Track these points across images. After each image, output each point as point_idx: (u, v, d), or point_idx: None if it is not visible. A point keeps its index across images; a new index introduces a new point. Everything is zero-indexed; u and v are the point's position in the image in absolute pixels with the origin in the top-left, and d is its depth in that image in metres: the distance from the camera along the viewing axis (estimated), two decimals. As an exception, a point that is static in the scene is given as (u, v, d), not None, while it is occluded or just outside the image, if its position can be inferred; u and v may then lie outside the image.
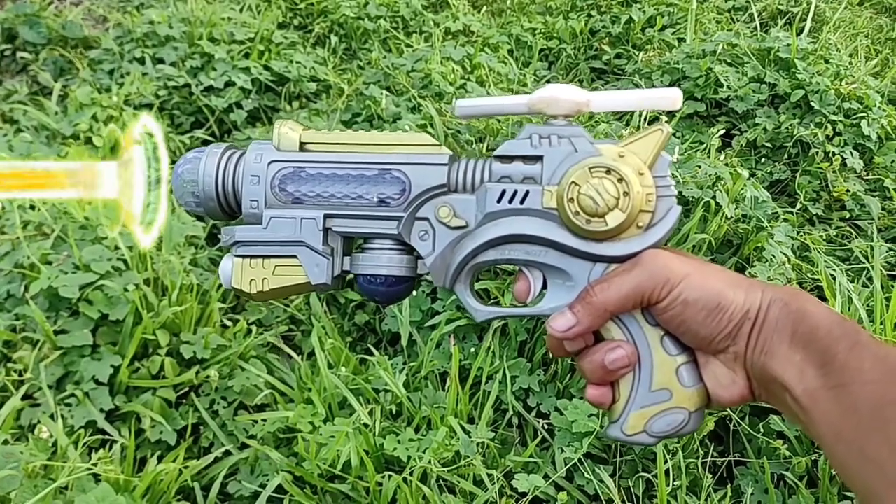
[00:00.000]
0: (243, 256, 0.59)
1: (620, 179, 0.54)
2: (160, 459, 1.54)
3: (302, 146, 0.60)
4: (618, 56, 3.55)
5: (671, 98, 0.58)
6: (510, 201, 0.57)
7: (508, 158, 0.58)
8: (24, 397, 1.60)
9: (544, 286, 0.59)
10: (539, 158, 0.57)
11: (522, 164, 0.58)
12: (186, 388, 1.70)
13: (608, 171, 0.55)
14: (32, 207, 2.06)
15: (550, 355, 1.72)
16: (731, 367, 0.54)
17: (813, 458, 1.53)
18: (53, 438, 1.46)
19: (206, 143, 2.85)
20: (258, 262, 0.59)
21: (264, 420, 1.60)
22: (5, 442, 1.42)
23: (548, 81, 3.27)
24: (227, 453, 1.60)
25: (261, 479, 1.52)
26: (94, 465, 1.37)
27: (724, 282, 0.53)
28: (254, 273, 0.59)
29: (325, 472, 1.48)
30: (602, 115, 2.62)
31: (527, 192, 0.57)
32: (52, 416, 1.58)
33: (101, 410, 1.60)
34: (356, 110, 2.69)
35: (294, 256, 0.59)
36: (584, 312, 0.55)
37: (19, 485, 1.29)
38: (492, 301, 1.81)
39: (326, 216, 0.59)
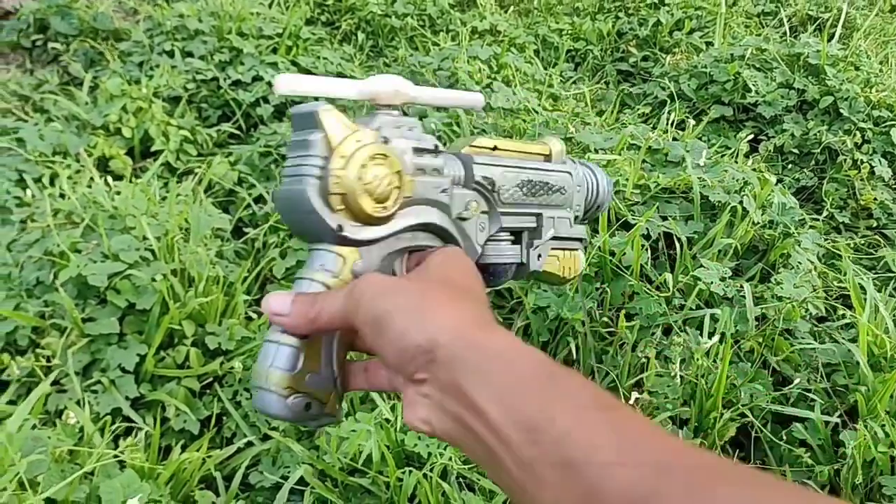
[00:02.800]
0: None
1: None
2: (184, 448, 1.55)
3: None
4: (644, 59, 3.54)
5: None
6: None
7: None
8: (52, 383, 1.63)
9: None
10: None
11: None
12: (210, 379, 1.72)
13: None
14: (63, 196, 2.09)
15: (573, 358, 1.72)
16: (414, 394, 0.48)
17: (836, 468, 1.52)
18: (80, 424, 1.48)
19: (232, 136, 2.88)
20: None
21: (287, 412, 1.61)
22: (33, 427, 1.44)
23: (573, 83, 3.26)
24: (250, 444, 1.62)
25: (282, 470, 1.53)
26: (121, 452, 1.39)
27: (406, 307, 0.49)
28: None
29: (346, 465, 1.49)
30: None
31: None
32: (78, 403, 1.60)
33: (127, 398, 1.62)
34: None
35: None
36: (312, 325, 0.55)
37: (47, 469, 1.31)
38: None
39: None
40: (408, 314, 0.48)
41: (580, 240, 0.73)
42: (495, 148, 0.69)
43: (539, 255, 0.70)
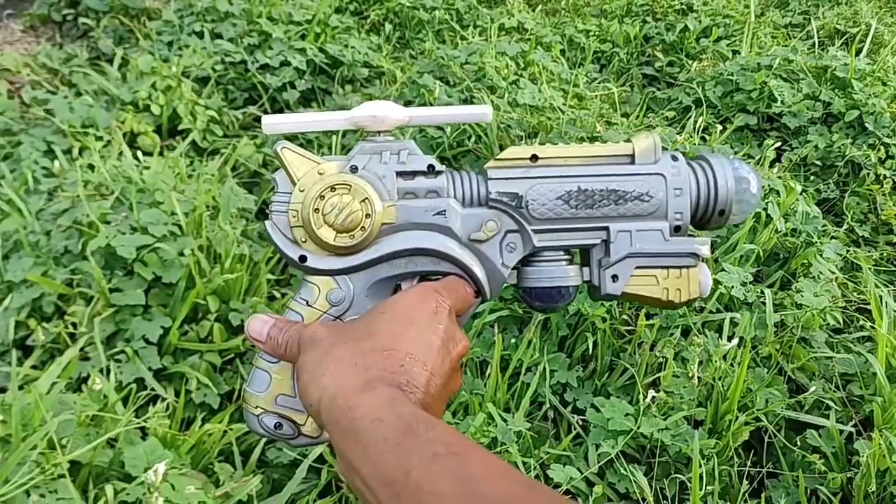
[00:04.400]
0: None
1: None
2: (204, 422, 1.58)
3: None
4: (670, 64, 3.54)
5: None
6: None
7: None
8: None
9: None
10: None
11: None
12: (232, 355, 1.74)
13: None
14: (92, 168, 2.12)
15: (590, 352, 1.73)
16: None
17: (848, 476, 1.53)
18: (104, 391, 1.51)
19: (258, 119, 2.90)
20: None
21: (306, 392, 1.63)
22: (61, 390, 1.46)
23: (599, 84, 3.27)
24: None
25: (298, 448, 1.55)
26: (146, 419, 1.41)
27: (314, 361, 0.54)
28: None
29: (363, 446, 1.50)
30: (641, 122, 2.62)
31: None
32: (101, 371, 1.62)
33: (150, 369, 1.64)
34: (409, 98, 2.72)
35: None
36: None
37: (73, 432, 1.33)
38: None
39: None
40: (308, 373, 0.53)
41: (693, 255, 0.61)
42: (534, 157, 0.62)
43: (615, 277, 0.61)
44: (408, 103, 2.72)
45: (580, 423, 1.67)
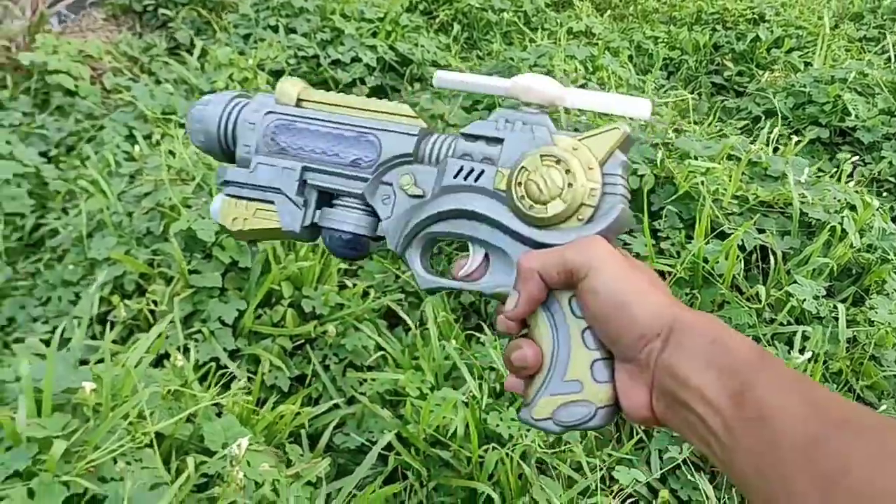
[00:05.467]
0: (231, 196, 0.64)
1: (567, 171, 0.55)
2: (275, 405, 1.62)
3: (299, 102, 0.64)
4: (739, 73, 3.50)
5: (642, 107, 0.59)
6: (465, 178, 0.59)
7: (473, 137, 0.60)
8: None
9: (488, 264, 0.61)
10: (500, 141, 0.59)
11: (485, 144, 0.59)
12: (302, 340, 1.78)
13: (558, 161, 0.56)
14: (173, 154, 2.19)
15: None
16: (635, 379, 0.52)
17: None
18: (183, 368, 1.56)
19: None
20: (242, 203, 0.63)
21: (374, 379, 1.67)
22: (143, 365, 1.52)
23: (666, 91, 3.25)
24: (335, 407, 1.68)
25: (366, 434, 1.59)
26: (223, 398, 1.46)
27: (640, 288, 0.52)
28: (237, 212, 0.63)
29: (429, 437, 1.53)
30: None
31: (482, 171, 0.59)
32: (178, 349, 1.68)
33: (224, 349, 1.70)
34: (477, 97, 2.74)
35: (272, 202, 0.62)
36: (520, 282, 0.55)
37: (157, 405, 1.38)
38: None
39: (304, 168, 0.62)
40: (647, 297, 0.52)
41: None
42: None
43: None
44: (475, 102, 2.74)
45: (642, 427, 1.67)
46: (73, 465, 1.19)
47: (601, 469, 1.47)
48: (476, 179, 0.58)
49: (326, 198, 0.63)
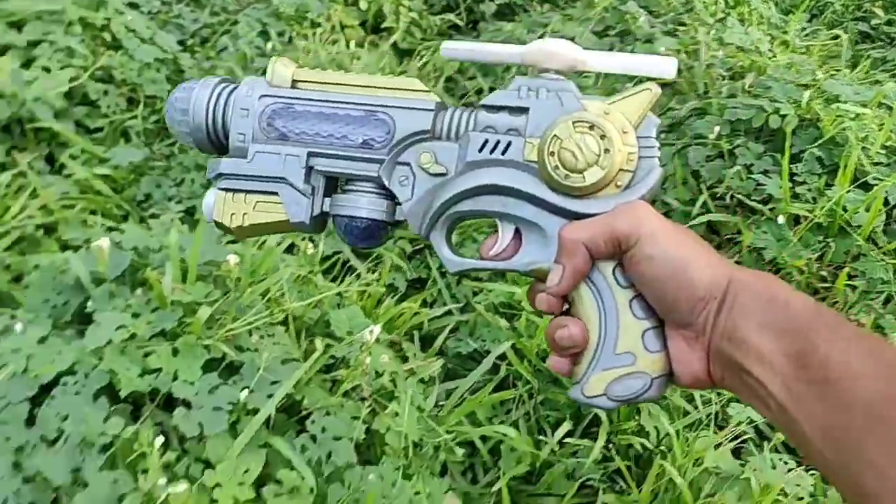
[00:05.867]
0: (226, 190, 0.59)
1: (603, 136, 0.52)
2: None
3: (294, 83, 0.59)
4: (889, 23, 3.27)
5: (667, 66, 0.55)
6: (491, 151, 0.55)
7: (495, 108, 0.56)
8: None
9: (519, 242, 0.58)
10: (525, 110, 0.55)
11: (508, 115, 0.56)
12: (421, 245, 1.81)
13: (591, 127, 0.52)
14: (307, 52, 2.22)
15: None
16: (691, 345, 0.51)
17: None
18: (314, 256, 1.62)
19: (453, 27, 2.93)
20: (240, 197, 0.58)
21: (490, 290, 1.69)
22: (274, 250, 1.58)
23: (808, 35, 3.07)
24: (449, 313, 1.71)
25: (478, 342, 1.62)
26: (351, 287, 1.51)
27: (694, 251, 0.50)
28: (235, 207, 0.58)
29: (541, 351, 1.55)
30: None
31: (509, 143, 0.55)
32: (302, 240, 1.74)
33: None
34: (610, 23, 2.66)
35: (275, 193, 0.58)
36: (564, 255, 0.53)
37: (289, 287, 1.44)
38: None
39: (310, 154, 0.58)
40: (701, 260, 0.50)
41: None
42: None
43: None
44: (606, 29, 2.66)
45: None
46: (215, 332, 1.26)
47: (716, 404, 1.46)
48: (503, 152, 0.55)
49: (333, 184, 0.59)
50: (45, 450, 1.05)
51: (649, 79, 0.55)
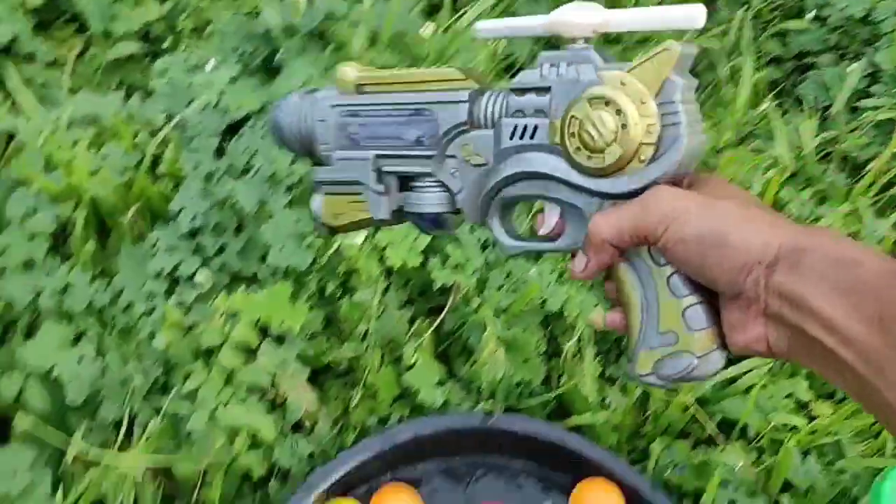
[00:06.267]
0: (328, 194, 0.63)
1: (619, 111, 0.48)
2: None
3: (358, 88, 0.60)
4: None
5: (693, 15, 0.48)
6: (521, 137, 0.53)
7: (522, 90, 0.53)
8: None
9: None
10: (547, 90, 0.52)
11: (535, 95, 0.52)
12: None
13: (607, 103, 0.48)
14: None
15: None
16: (745, 313, 0.46)
17: None
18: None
19: None
20: (338, 199, 0.62)
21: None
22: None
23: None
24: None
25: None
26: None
27: (735, 220, 0.46)
28: (337, 208, 0.63)
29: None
30: None
31: (536, 127, 0.52)
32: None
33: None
34: None
35: (360, 193, 0.61)
36: (591, 250, 0.51)
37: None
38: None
39: (377, 156, 0.60)
40: (741, 227, 0.46)
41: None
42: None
43: None
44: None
45: None
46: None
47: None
48: (532, 136, 0.53)
49: (406, 182, 0.61)
50: (232, 181, 1.08)
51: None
